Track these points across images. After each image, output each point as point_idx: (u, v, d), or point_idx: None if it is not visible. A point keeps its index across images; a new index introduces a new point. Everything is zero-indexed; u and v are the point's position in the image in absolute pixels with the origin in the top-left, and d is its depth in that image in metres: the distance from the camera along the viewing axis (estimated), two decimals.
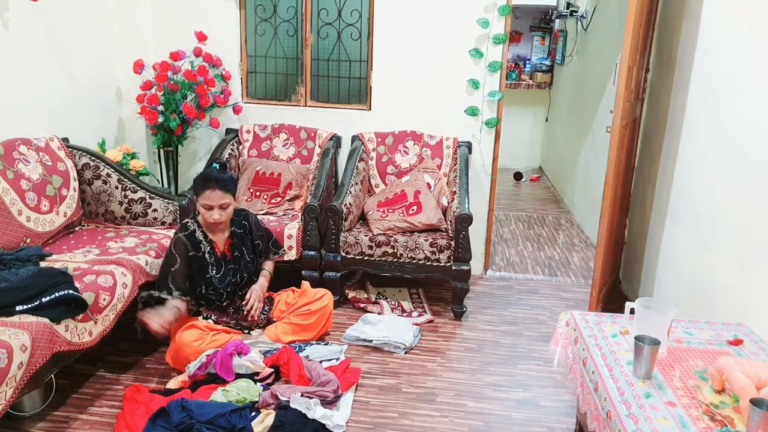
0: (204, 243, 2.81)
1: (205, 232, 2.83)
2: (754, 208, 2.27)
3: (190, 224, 2.83)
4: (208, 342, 2.73)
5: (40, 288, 2.28)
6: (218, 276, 2.83)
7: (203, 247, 2.81)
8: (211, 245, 2.83)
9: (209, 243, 2.83)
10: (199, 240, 2.81)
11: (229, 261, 2.87)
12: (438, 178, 3.70)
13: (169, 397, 2.47)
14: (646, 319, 1.96)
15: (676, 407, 1.71)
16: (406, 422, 2.51)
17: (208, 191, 2.70)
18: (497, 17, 3.71)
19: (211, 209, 2.72)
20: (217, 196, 2.70)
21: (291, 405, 2.40)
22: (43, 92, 3.26)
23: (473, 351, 3.10)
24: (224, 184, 2.73)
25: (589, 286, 3.49)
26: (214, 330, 2.81)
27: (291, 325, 2.98)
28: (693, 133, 2.90)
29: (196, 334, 2.73)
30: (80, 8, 3.52)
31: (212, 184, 2.70)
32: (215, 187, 2.70)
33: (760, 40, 2.31)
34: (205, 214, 2.74)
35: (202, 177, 2.76)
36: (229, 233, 2.89)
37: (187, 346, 2.68)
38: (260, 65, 4.15)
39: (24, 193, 2.85)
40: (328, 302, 3.07)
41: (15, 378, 2.04)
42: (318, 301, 3.04)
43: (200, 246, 2.80)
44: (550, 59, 7.23)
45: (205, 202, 2.71)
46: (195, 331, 2.74)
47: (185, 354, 2.68)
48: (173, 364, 2.74)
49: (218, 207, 2.72)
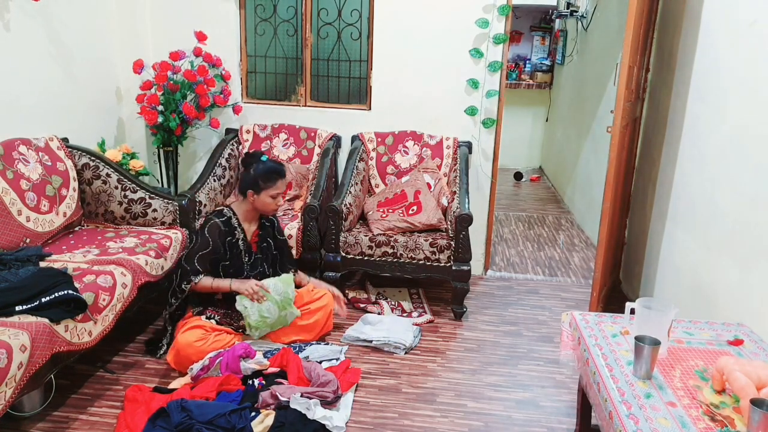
0: (238, 230, 2.92)
1: (239, 219, 2.93)
2: (754, 208, 2.27)
3: (225, 211, 2.93)
4: (210, 343, 2.73)
5: (40, 288, 2.28)
6: (250, 263, 2.94)
7: (237, 234, 2.91)
8: (244, 233, 2.93)
9: (242, 230, 2.93)
10: (235, 226, 2.91)
11: (255, 252, 2.98)
12: (438, 178, 3.69)
13: (169, 395, 2.46)
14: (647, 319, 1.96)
15: (677, 407, 1.71)
16: (406, 422, 2.51)
17: (279, 181, 2.89)
18: (497, 17, 3.71)
19: (278, 197, 2.91)
20: (284, 184, 2.93)
21: (291, 405, 2.40)
22: (43, 92, 3.26)
23: (473, 351, 3.10)
24: (286, 173, 2.96)
25: (589, 286, 3.49)
26: (216, 330, 2.80)
27: (291, 326, 2.98)
28: (693, 133, 2.90)
29: (199, 334, 2.73)
30: (80, 8, 3.52)
31: (278, 174, 2.89)
32: (284, 176, 2.92)
33: (760, 40, 2.31)
34: (271, 203, 2.90)
35: (269, 170, 2.88)
36: (258, 225, 3.00)
37: (189, 346, 2.68)
38: (260, 65, 4.15)
39: (24, 193, 2.84)
40: (328, 302, 3.08)
41: (15, 378, 2.03)
42: (317, 300, 3.05)
43: (235, 232, 2.90)
44: (550, 59, 7.23)
45: (276, 192, 2.90)
46: (198, 332, 2.74)
47: (187, 354, 2.67)
48: (174, 365, 2.74)
49: (282, 195, 2.95)
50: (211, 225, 2.84)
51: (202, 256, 2.80)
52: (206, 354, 2.68)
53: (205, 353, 2.68)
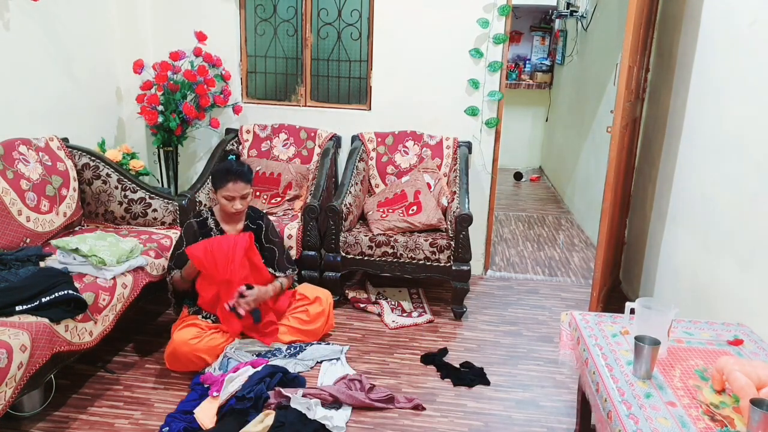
0: (215, 231, 2.89)
1: (218, 221, 2.90)
2: (754, 208, 2.27)
3: (204, 212, 2.92)
4: (206, 341, 2.74)
5: (40, 288, 2.28)
6: None
7: (213, 235, 2.87)
8: (222, 234, 2.89)
9: (220, 232, 2.89)
10: (210, 228, 2.89)
11: None
12: (438, 178, 3.69)
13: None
14: (647, 319, 1.96)
15: (677, 407, 1.71)
16: (406, 422, 2.51)
17: (230, 183, 2.80)
18: (497, 17, 3.71)
19: (233, 200, 2.82)
20: (239, 188, 2.81)
21: (291, 405, 2.40)
22: (43, 92, 3.26)
23: (473, 351, 3.10)
24: (245, 176, 2.84)
25: (589, 286, 3.49)
26: (212, 328, 2.81)
27: (289, 327, 2.98)
28: (693, 133, 2.90)
29: (194, 332, 2.74)
30: (80, 8, 3.52)
31: (234, 176, 2.80)
32: (237, 180, 2.80)
33: (760, 40, 2.31)
34: (227, 205, 2.83)
35: (224, 170, 2.84)
36: (242, 226, 2.95)
37: (184, 344, 2.68)
38: (260, 65, 4.15)
39: (24, 193, 2.84)
40: (326, 305, 3.07)
41: (15, 378, 2.03)
42: (314, 304, 3.04)
43: (210, 234, 2.87)
44: (550, 59, 7.23)
45: (228, 194, 2.81)
46: (193, 330, 2.75)
47: (183, 352, 2.68)
48: (169, 364, 2.74)
49: (240, 198, 2.82)
50: (187, 225, 2.90)
51: (177, 254, 2.85)
52: (201, 353, 2.70)
53: (200, 352, 2.70)
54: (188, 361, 2.71)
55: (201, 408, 2.45)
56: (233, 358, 2.75)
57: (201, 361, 2.73)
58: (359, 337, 3.18)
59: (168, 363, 2.74)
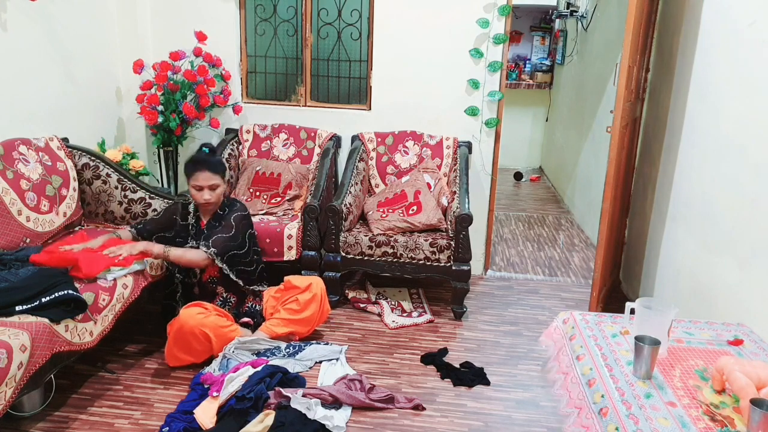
0: (192, 215, 2.97)
1: (198, 208, 2.98)
2: (754, 208, 2.27)
3: (189, 198, 3.00)
4: (212, 318, 2.78)
5: (40, 288, 2.28)
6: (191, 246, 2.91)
7: (190, 219, 2.97)
8: (197, 220, 2.96)
9: (196, 218, 2.97)
10: (189, 212, 3.00)
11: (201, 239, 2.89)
12: (438, 178, 3.69)
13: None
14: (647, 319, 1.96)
15: (677, 407, 1.71)
16: (406, 422, 2.51)
17: (197, 173, 2.84)
18: (497, 17, 3.71)
19: (201, 190, 2.85)
20: (205, 177, 2.83)
21: (291, 405, 2.40)
22: (43, 92, 3.26)
23: (473, 351, 3.10)
24: (213, 166, 2.87)
25: (589, 286, 3.49)
26: (218, 311, 2.86)
27: (281, 319, 2.99)
28: (693, 133, 2.90)
29: (201, 309, 2.79)
30: (80, 8, 3.52)
31: (201, 166, 2.84)
32: (204, 169, 2.84)
33: (760, 40, 2.31)
34: (196, 195, 2.87)
35: (192, 160, 2.91)
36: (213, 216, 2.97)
37: (191, 317, 2.71)
38: (260, 65, 4.15)
39: (24, 193, 2.84)
40: (317, 291, 3.03)
41: (15, 378, 2.03)
42: (305, 292, 3.02)
43: (188, 217, 2.99)
44: (550, 59, 7.23)
45: (196, 183, 2.85)
46: (199, 308, 2.80)
47: (189, 327, 2.69)
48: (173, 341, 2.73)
49: (207, 188, 2.85)
50: (174, 204, 3.08)
51: (149, 220, 3.07)
52: (207, 328, 2.71)
53: (206, 327, 2.72)
54: (194, 338, 2.71)
55: (201, 408, 2.45)
56: (233, 358, 2.75)
57: (206, 339, 2.73)
58: (359, 337, 3.18)
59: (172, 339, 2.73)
